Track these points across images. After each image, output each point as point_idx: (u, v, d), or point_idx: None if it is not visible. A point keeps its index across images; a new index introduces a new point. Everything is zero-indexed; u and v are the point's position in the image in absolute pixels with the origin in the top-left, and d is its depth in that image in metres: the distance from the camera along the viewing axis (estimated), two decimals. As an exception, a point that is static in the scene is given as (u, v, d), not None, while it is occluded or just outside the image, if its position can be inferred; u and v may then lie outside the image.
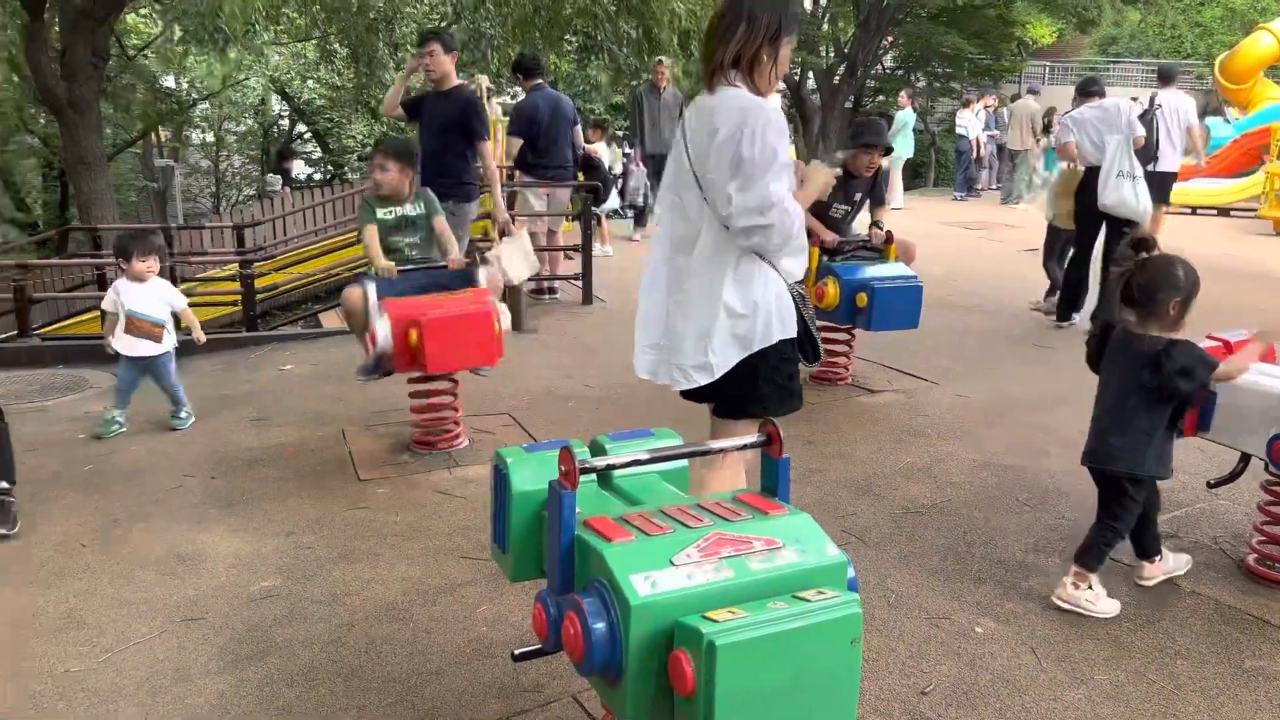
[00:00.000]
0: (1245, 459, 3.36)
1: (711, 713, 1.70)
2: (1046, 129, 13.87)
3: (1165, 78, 8.81)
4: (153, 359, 5.03)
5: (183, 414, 5.16)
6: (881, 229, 5.44)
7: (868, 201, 5.65)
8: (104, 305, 5.14)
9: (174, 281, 7.33)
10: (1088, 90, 7.34)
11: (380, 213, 4.62)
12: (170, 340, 5.09)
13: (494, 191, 6.27)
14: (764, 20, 2.68)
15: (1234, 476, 3.44)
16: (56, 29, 11.65)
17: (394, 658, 2.89)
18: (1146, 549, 3.24)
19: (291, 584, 3.35)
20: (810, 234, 5.47)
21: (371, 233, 4.56)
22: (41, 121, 18.43)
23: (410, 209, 4.67)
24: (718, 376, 2.77)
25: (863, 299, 5.00)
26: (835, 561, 1.97)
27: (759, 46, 2.70)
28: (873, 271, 5.15)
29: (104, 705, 2.67)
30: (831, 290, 5.11)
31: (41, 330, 8.41)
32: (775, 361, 2.80)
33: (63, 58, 10.86)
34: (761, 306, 2.74)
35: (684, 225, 2.83)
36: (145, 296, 5.02)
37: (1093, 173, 6.76)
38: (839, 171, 3.47)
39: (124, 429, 5.04)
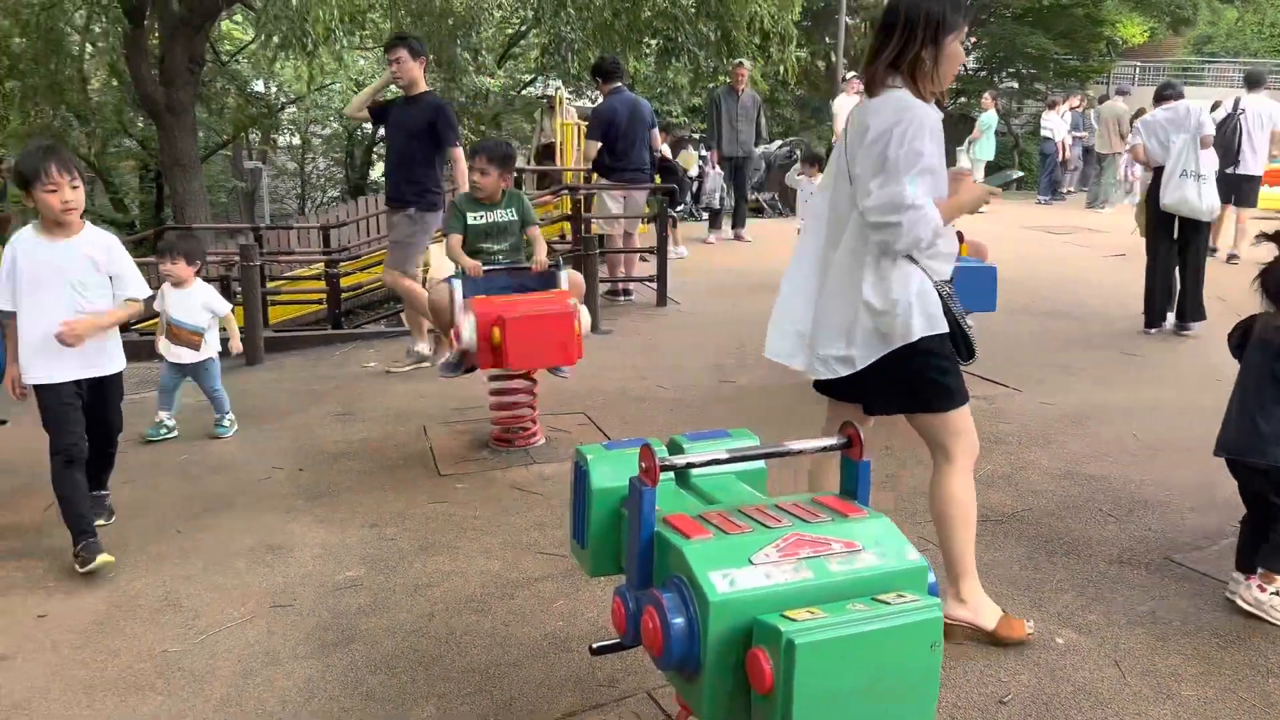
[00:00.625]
0: None
1: (790, 712, 1.71)
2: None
3: (1252, 82, 8.83)
4: (194, 365, 5.00)
5: (225, 421, 5.06)
6: (954, 229, 5.37)
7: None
8: (155, 305, 5.10)
9: (262, 281, 7.59)
10: (1163, 94, 7.30)
11: (471, 218, 4.67)
12: (211, 346, 5.00)
13: None
14: (923, 21, 2.67)
15: None
16: (156, 36, 12.12)
17: (473, 649, 2.95)
18: (1263, 560, 3.06)
19: (375, 574, 3.45)
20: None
21: (455, 240, 4.63)
22: (140, 125, 19.18)
23: (501, 215, 4.71)
24: (858, 369, 2.77)
25: None
26: (915, 566, 1.96)
27: (919, 48, 2.69)
28: None
29: (199, 685, 2.78)
30: None
31: (139, 326, 8.74)
32: (923, 358, 2.78)
33: (161, 64, 11.30)
34: (901, 303, 2.72)
35: (835, 220, 2.85)
36: (185, 302, 4.96)
37: (1160, 174, 6.68)
38: (999, 191, 3.44)
39: (174, 433, 5.06)
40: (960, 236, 5.34)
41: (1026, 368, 5.92)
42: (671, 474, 2.30)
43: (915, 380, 2.82)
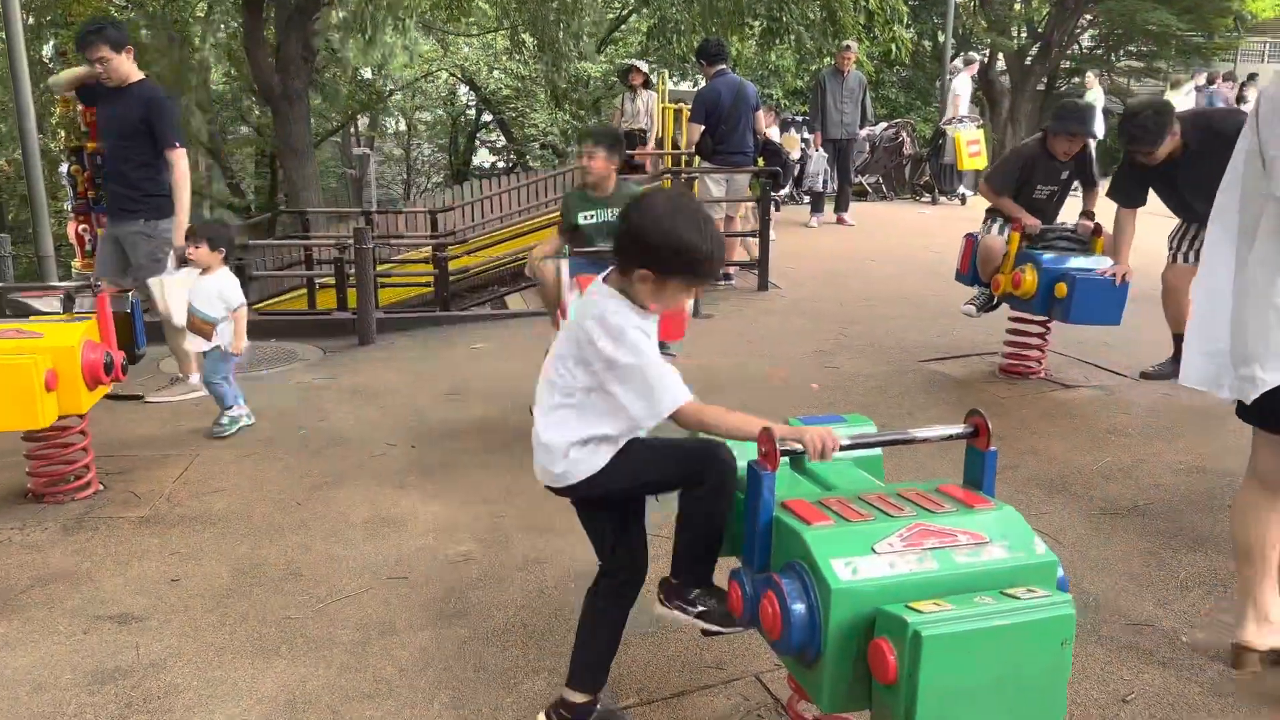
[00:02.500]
0: None
1: (914, 704, 1.69)
2: None
3: None
4: (208, 353, 4.79)
5: (224, 420, 4.79)
6: (1091, 219, 5.19)
7: (1080, 185, 5.43)
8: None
9: (373, 264, 7.79)
10: None
11: (582, 217, 4.66)
12: (222, 337, 4.71)
13: (179, 211, 5.17)
14: None
15: None
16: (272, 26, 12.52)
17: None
18: None
19: (486, 549, 3.52)
20: (1001, 216, 5.28)
21: (556, 239, 4.65)
22: (255, 112, 19.90)
23: (613, 213, 4.62)
24: (1267, 388, 2.43)
25: (1062, 289, 4.78)
26: (1045, 560, 1.92)
27: None
28: (1074, 262, 4.91)
29: (320, 651, 2.89)
30: (1029, 278, 4.91)
31: (257, 305, 9.09)
32: None
33: (277, 52, 11.67)
34: None
35: (1250, 218, 2.50)
36: (204, 289, 4.69)
37: None
38: None
39: (250, 421, 4.90)
40: (1098, 229, 5.14)
41: (1148, 356, 5.69)
42: (786, 459, 2.28)
43: None
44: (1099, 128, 14.43)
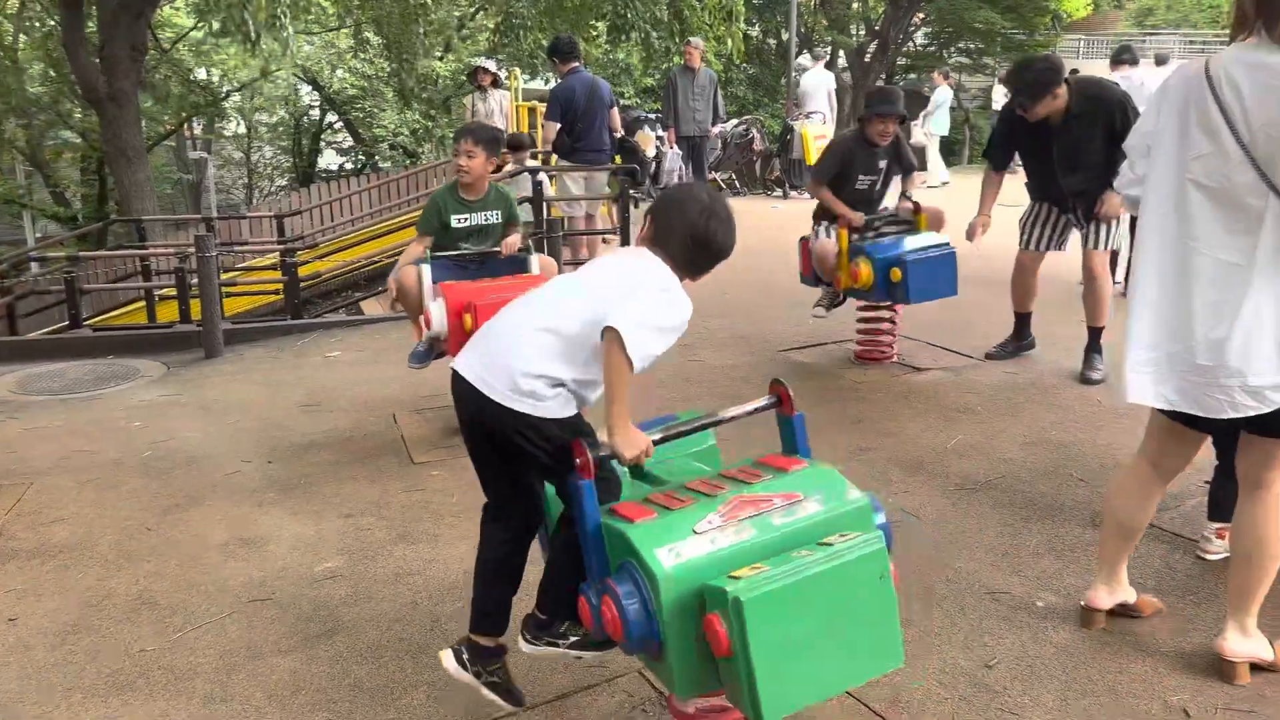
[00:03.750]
0: None
1: (751, 669, 1.74)
2: None
3: (1160, 61, 8.97)
4: None
5: None
6: (910, 200, 5.41)
7: (897, 172, 5.63)
8: None
9: (218, 272, 7.44)
10: (1119, 59, 7.35)
11: (455, 218, 4.47)
12: None
13: None
14: None
15: None
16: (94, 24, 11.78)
17: (459, 635, 2.92)
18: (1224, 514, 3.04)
19: (354, 564, 3.41)
20: (835, 215, 5.42)
21: (417, 248, 4.45)
22: (78, 115, 18.68)
23: (487, 217, 4.54)
24: None
25: (897, 274, 4.98)
26: (858, 505, 2.01)
27: None
28: (903, 245, 5.11)
29: (183, 683, 2.74)
30: (865, 270, 5.09)
31: (91, 321, 8.55)
32: None
33: (101, 51, 10.99)
34: None
35: (1220, 214, 2.37)
36: None
37: None
38: None
39: None
40: (917, 207, 5.37)
41: (990, 338, 5.99)
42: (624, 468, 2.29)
43: None
44: (944, 123, 15.14)
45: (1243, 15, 2.36)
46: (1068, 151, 4.83)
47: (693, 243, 2.24)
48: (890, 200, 5.66)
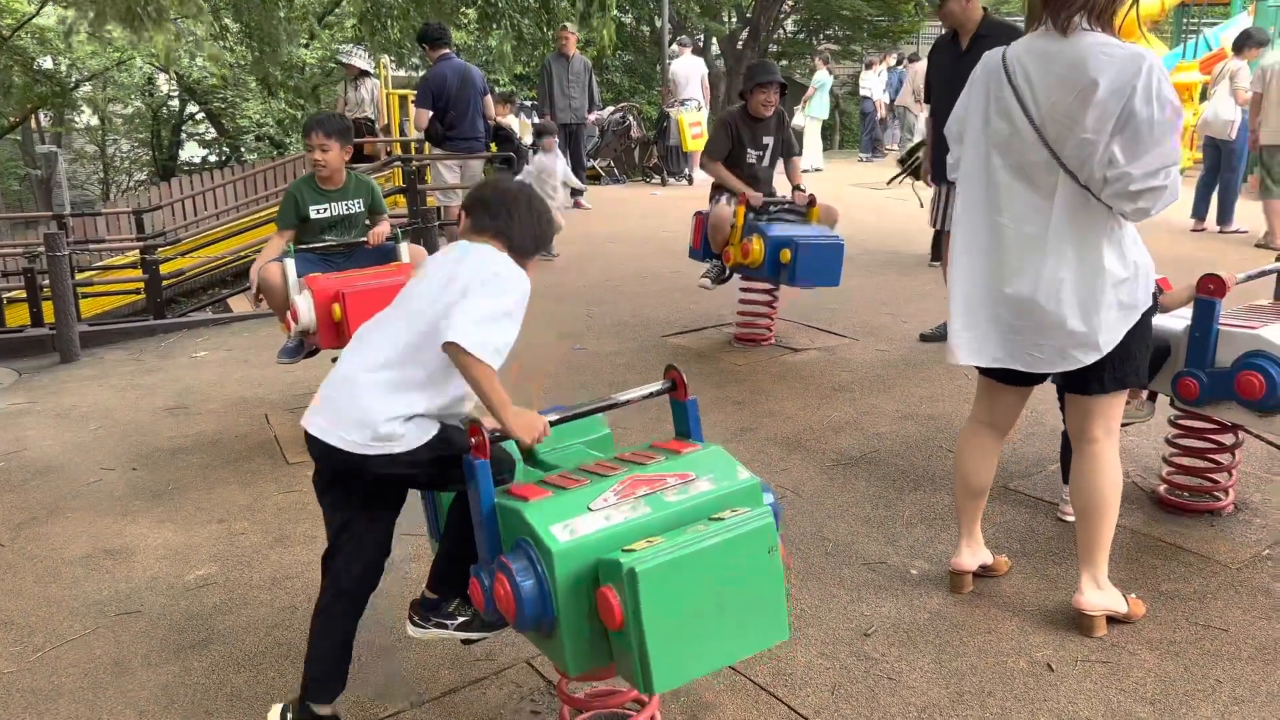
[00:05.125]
0: None
1: (643, 639, 1.77)
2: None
3: None
4: None
5: None
6: (804, 191, 5.55)
7: (781, 152, 5.74)
8: None
9: (71, 272, 7.06)
10: None
11: (314, 209, 4.33)
12: None
13: None
14: None
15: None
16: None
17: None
18: None
19: (228, 571, 3.29)
20: (726, 191, 5.52)
21: (278, 242, 4.29)
22: (-92, 109, 17.41)
23: (348, 206, 4.40)
24: (1105, 353, 2.53)
25: (786, 255, 5.11)
26: (748, 484, 2.07)
27: None
28: (796, 230, 5.26)
29: (44, 704, 2.59)
30: (756, 246, 5.19)
31: None
32: (1148, 323, 2.63)
33: (-68, 39, 10.24)
34: (1141, 266, 2.55)
35: (1020, 190, 2.57)
36: None
37: None
38: None
39: None
40: (812, 200, 5.49)
41: (861, 318, 6.18)
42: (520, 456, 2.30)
43: (1137, 351, 2.61)
44: (824, 107, 15.46)
45: (1033, 8, 2.60)
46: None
47: (528, 223, 2.29)
48: (778, 187, 5.78)
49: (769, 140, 5.63)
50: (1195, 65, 12.54)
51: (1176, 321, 3.16)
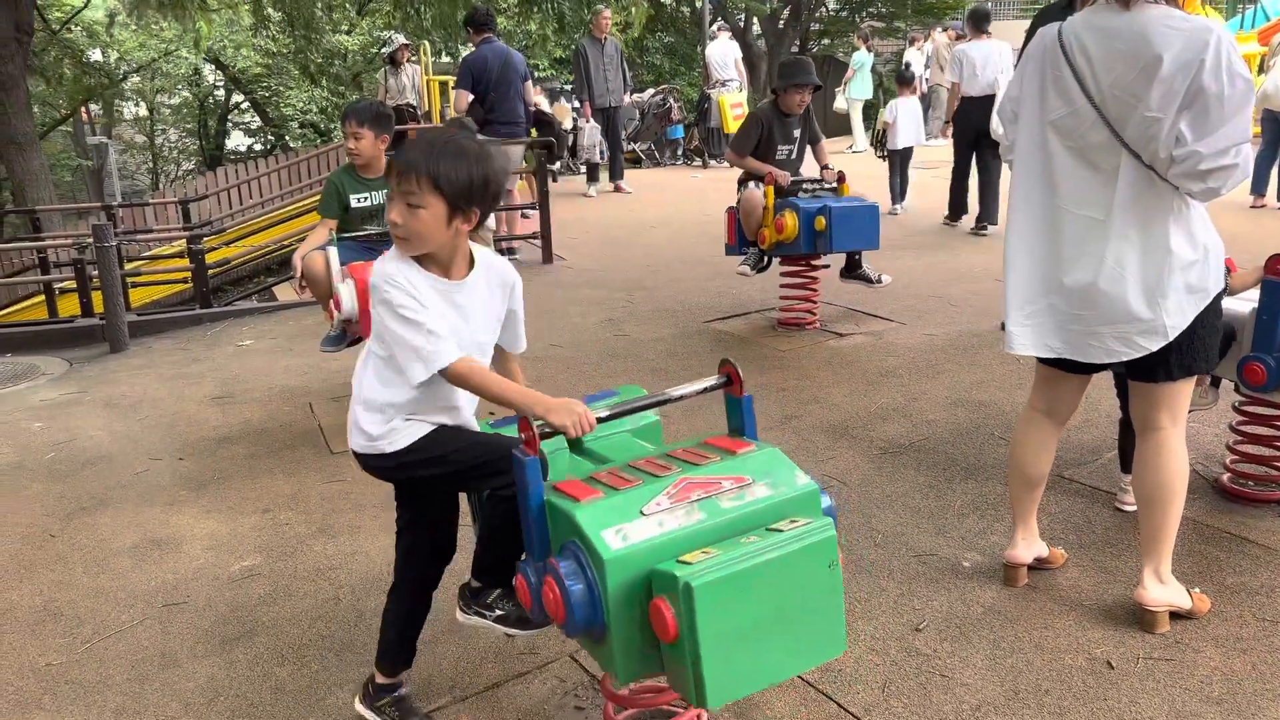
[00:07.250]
0: None
1: (698, 654, 1.71)
2: None
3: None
4: None
5: None
6: (831, 169, 5.55)
7: (807, 140, 5.72)
8: None
9: (120, 262, 7.14)
10: (981, 26, 8.02)
11: (354, 199, 4.33)
12: None
13: None
14: None
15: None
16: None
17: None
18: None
19: (273, 562, 3.29)
20: (757, 177, 5.47)
21: (321, 230, 4.29)
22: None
23: (387, 195, 4.41)
24: (1172, 339, 2.43)
25: (821, 223, 5.10)
26: (807, 490, 1.98)
27: None
28: (828, 199, 5.26)
29: (91, 696, 2.61)
30: (790, 220, 5.16)
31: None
32: (1218, 307, 2.51)
33: (-17, 33, 10.43)
34: (1211, 248, 2.44)
35: (1080, 173, 2.48)
36: None
37: (968, 101, 8.04)
38: None
39: None
40: (842, 176, 5.44)
41: (909, 301, 6.06)
42: (564, 443, 2.25)
43: (1206, 336, 2.50)
44: (865, 88, 15.23)
45: None
46: None
47: (476, 181, 2.06)
48: (806, 171, 5.73)
49: (798, 133, 5.66)
50: (1253, 36, 12.18)
51: (1241, 304, 3.04)
